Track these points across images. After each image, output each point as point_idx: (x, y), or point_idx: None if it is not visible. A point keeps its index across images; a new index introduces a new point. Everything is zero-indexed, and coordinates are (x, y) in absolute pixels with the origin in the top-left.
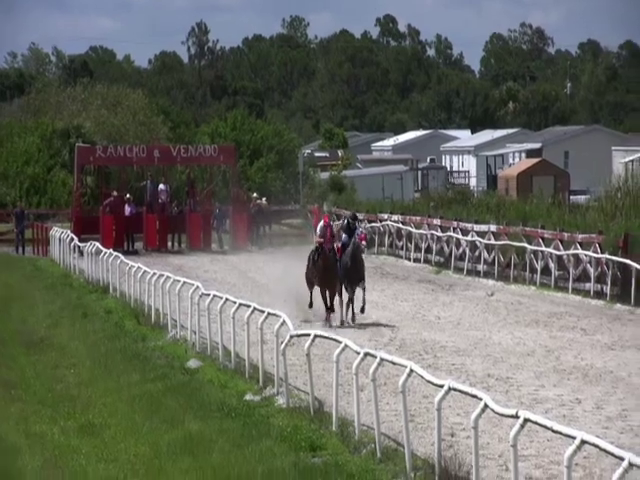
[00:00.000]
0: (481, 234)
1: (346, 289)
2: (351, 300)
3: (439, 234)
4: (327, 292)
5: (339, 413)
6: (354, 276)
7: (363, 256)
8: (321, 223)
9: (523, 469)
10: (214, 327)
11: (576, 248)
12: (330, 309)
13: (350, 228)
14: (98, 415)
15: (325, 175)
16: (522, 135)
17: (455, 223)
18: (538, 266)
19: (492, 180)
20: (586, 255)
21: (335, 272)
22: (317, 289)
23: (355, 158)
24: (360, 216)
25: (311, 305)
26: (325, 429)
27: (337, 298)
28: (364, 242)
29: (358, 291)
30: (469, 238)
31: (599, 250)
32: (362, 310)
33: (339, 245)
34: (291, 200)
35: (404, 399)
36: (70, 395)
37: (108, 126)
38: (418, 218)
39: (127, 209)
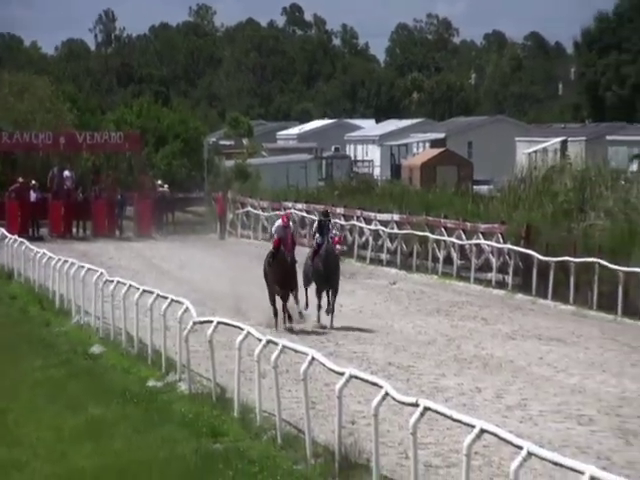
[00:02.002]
0: (384, 223)
1: (317, 294)
2: (320, 306)
3: (342, 223)
4: (282, 296)
5: (241, 400)
6: (325, 283)
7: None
8: (278, 222)
9: (422, 457)
10: (118, 313)
11: (478, 238)
12: (284, 312)
13: (322, 226)
14: (0, 400)
15: (230, 163)
16: (426, 125)
17: (358, 212)
18: (440, 255)
19: (396, 170)
20: (488, 245)
21: (293, 276)
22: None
23: (260, 146)
24: (265, 204)
25: (276, 313)
26: (227, 415)
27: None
28: (338, 246)
29: (324, 295)
30: (372, 227)
31: (501, 240)
32: (328, 312)
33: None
34: (196, 188)
35: (305, 386)
36: None
37: (14, 113)
38: (322, 207)
39: (32, 195)
